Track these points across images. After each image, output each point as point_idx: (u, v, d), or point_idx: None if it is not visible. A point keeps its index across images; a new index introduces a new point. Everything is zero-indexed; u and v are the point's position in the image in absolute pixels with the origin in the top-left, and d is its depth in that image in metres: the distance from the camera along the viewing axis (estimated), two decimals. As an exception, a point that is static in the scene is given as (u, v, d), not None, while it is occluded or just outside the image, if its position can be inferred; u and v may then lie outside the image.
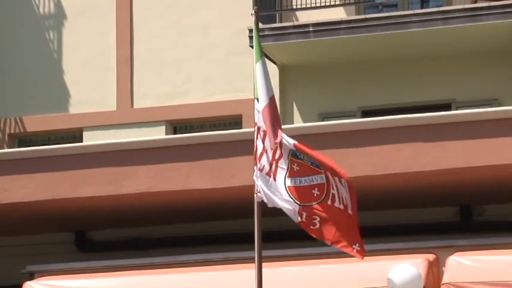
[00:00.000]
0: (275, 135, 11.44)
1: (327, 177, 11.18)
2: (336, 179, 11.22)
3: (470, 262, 13.18)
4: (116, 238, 15.24)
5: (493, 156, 13.09)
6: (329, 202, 11.21)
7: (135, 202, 14.20)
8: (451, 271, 13.18)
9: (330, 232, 11.24)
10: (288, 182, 11.38)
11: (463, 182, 13.56)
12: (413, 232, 14.16)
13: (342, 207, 11.15)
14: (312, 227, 11.25)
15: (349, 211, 11.18)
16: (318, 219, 11.18)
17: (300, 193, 11.29)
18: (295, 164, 11.37)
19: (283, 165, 11.45)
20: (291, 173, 11.41)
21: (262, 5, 16.40)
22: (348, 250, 11.26)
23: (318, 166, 11.25)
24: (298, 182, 11.38)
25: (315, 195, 11.21)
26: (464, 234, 13.94)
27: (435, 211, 14.40)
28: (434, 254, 13.44)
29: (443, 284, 13.10)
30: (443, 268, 13.27)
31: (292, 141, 11.37)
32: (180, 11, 18.67)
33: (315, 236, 11.29)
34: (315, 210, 11.25)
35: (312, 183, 11.32)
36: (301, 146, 11.35)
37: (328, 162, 11.25)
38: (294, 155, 11.37)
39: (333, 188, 11.17)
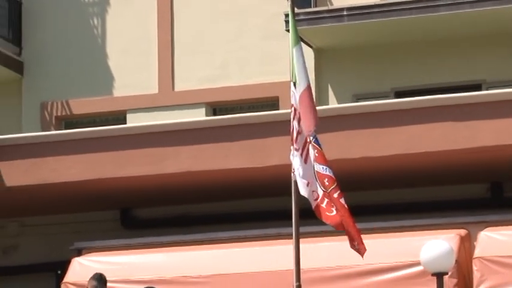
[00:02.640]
0: (310, 124, 11.43)
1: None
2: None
3: (501, 237, 13.18)
4: (159, 215, 15.31)
5: (522, 134, 13.12)
6: (335, 195, 11.18)
7: (177, 181, 14.25)
8: (482, 246, 13.17)
9: (341, 223, 11.24)
10: (317, 167, 11.39)
11: (493, 160, 13.52)
12: (445, 208, 14.14)
13: (346, 205, 11.14)
14: (327, 213, 11.24)
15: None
16: (335, 207, 11.18)
17: (321, 179, 11.29)
18: (315, 150, 11.34)
19: (311, 151, 11.46)
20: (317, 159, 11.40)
21: (297, -9, 16.41)
22: (350, 245, 11.29)
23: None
24: (318, 168, 11.39)
25: (326, 184, 11.20)
26: (495, 210, 13.90)
27: (467, 188, 14.36)
28: (466, 229, 13.44)
29: (475, 258, 13.10)
30: (475, 243, 13.27)
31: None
32: (218, 0, 18.71)
33: (328, 223, 11.27)
34: (333, 199, 11.24)
35: (325, 172, 11.30)
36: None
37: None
38: (316, 142, 11.36)
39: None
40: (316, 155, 11.33)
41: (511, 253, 12.95)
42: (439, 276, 12.37)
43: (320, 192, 11.23)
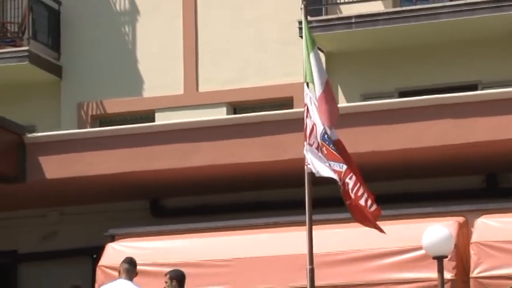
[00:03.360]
0: (330, 119, 11.41)
1: (348, 168, 11.19)
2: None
3: (496, 223, 13.15)
4: (185, 205, 15.34)
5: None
6: (346, 188, 11.21)
7: (201, 174, 14.27)
8: (479, 232, 13.15)
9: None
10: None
11: (489, 153, 13.50)
12: (445, 198, 14.13)
13: (352, 196, 11.15)
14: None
15: (360, 202, 11.17)
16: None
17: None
18: (324, 148, 11.32)
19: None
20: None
21: (309, 0, 16.39)
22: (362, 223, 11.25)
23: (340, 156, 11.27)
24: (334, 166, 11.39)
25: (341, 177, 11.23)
26: (490, 199, 13.88)
27: (464, 179, 14.34)
28: (463, 216, 13.41)
29: (472, 243, 13.07)
30: (472, 229, 13.25)
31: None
32: (238, 6, 18.68)
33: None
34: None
35: (334, 168, 11.29)
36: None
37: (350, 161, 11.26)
38: (324, 138, 11.33)
39: (350, 179, 11.17)
40: (326, 152, 11.32)
41: (506, 238, 12.93)
42: (439, 259, 12.36)
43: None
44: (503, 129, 13.04)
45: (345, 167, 11.14)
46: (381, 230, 11.34)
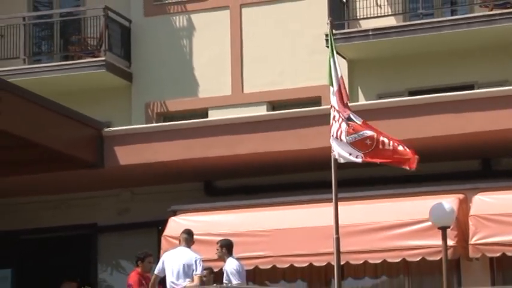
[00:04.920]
0: (344, 109, 11.50)
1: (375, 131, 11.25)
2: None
3: (491, 199, 13.07)
4: (233, 185, 15.31)
5: (505, 122, 12.91)
6: (380, 146, 11.27)
7: (246, 160, 14.25)
8: (476, 206, 13.06)
9: (385, 159, 11.29)
10: (349, 139, 11.43)
11: (483, 142, 13.37)
12: (447, 179, 14.01)
13: (391, 147, 11.18)
14: (376, 159, 11.33)
15: (399, 148, 11.17)
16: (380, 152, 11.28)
17: (358, 145, 11.32)
18: (350, 126, 11.40)
19: (343, 128, 11.49)
20: (348, 133, 11.42)
21: (334, 16, 16.34)
22: (401, 165, 11.29)
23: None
24: (354, 138, 11.41)
25: (368, 144, 11.24)
26: (485, 180, 13.76)
27: (463, 163, 14.21)
28: (463, 194, 13.32)
29: (471, 215, 12.99)
30: (470, 204, 13.16)
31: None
32: (275, 22, 18.64)
33: (377, 161, 11.29)
34: (373, 155, 11.32)
35: (363, 136, 11.35)
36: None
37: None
38: (349, 119, 11.42)
39: (382, 136, 11.29)
40: (352, 128, 11.40)
41: (499, 212, 12.85)
42: (443, 229, 12.28)
43: (360, 153, 11.31)
44: (495, 122, 12.94)
45: (372, 133, 11.24)
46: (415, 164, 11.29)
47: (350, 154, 11.35)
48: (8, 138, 12.46)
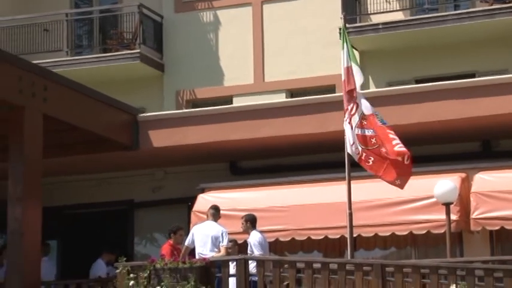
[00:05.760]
0: (350, 97, 11.42)
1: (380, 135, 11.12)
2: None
3: (490, 178, 12.99)
4: (255, 166, 15.31)
5: (504, 108, 12.80)
6: (383, 149, 11.10)
7: (268, 143, 14.22)
8: (477, 184, 12.99)
9: (379, 169, 11.13)
10: (357, 131, 11.32)
11: (484, 125, 13.28)
12: (450, 159, 13.93)
13: (388, 157, 11.06)
14: (366, 163, 11.17)
15: (399, 159, 11.03)
16: (372, 159, 11.10)
17: (363, 140, 11.21)
18: (365, 120, 11.26)
19: (355, 119, 11.38)
20: (360, 125, 11.31)
21: (347, 11, 16.26)
22: (390, 183, 11.13)
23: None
24: (363, 132, 11.30)
25: (372, 143, 11.12)
26: (485, 160, 13.67)
27: (466, 145, 14.13)
28: (465, 173, 13.24)
29: (472, 192, 12.93)
30: (472, 182, 13.09)
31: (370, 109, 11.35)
32: (293, 17, 18.55)
33: (368, 170, 11.20)
34: (371, 153, 11.15)
35: (372, 134, 11.20)
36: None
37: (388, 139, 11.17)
38: (363, 113, 11.28)
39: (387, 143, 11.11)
40: (365, 122, 11.28)
41: (497, 189, 12.78)
42: (447, 205, 12.24)
43: (360, 148, 11.20)
44: (495, 107, 12.84)
45: (372, 131, 11.08)
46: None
47: (352, 144, 11.25)
48: (53, 123, 12.50)
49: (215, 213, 12.40)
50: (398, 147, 11.03)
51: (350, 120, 11.39)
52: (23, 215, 11.68)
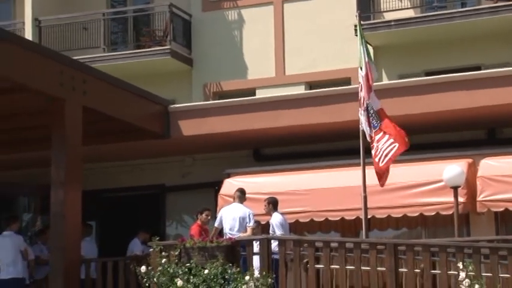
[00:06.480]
0: (367, 96, 11.36)
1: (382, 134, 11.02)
2: (387, 137, 11.04)
3: (495, 163, 12.89)
4: (277, 152, 15.29)
5: (508, 98, 12.68)
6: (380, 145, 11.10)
7: (289, 131, 14.19)
8: (483, 169, 12.89)
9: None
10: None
11: (489, 114, 13.16)
12: (458, 146, 13.83)
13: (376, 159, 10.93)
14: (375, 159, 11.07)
15: (380, 163, 10.96)
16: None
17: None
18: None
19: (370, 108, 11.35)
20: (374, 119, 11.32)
21: (362, 9, 16.15)
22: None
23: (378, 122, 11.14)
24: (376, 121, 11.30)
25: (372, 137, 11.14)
26: (490, 146, 13.57)
27: (472, 133, 14.03)
28: (472, 158, 13.15)
29: (478, 176, 12.84)
30: (478, 167, 12.99)
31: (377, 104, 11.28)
32: (311, 15, 18.48)
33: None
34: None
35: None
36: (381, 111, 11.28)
37: (390, 126, 11.08)
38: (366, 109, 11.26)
39: (377, 142, 11.02)
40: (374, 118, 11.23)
41: (502, 173, 12.69)
42: (455, 188, 12.18)
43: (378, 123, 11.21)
44: (500, 97, 12.73)
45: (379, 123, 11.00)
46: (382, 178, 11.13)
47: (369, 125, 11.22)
48: (92, 113, 12.56)
49: (241, 195, 12.42)
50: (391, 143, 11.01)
51: (366, 109, 11.34)
52: (65, 199, 11.77)
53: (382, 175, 11.14)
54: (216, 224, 12.24)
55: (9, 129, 13.80)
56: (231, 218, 12.05)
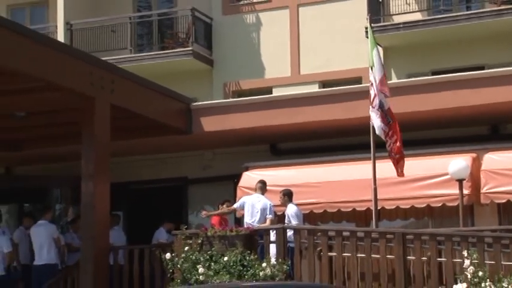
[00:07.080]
0: (383, 87, 11.31)
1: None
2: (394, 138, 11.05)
3: (498, 157, 12.83)
4: (292, 147, 15.28)
5: (509, 96, 12.61)
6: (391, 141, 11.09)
7: (303, 127, 14.18)
8: (486, 163, 12.84)
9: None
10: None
11: (492, 111, 13.10)
12: (463, 141, 13.76)
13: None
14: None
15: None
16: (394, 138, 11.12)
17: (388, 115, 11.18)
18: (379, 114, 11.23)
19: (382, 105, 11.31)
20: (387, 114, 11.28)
21: (372, 13, 16.11)
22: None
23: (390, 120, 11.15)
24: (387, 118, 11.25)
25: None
26: (493, 142, 13.49)
27: (476, 128, 13.94)
28: (476, 153, 13.09)
29: (482, 170, 12.78)
30: (481, 161, 12.93)
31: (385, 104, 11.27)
32: (325, 18, 18.45)
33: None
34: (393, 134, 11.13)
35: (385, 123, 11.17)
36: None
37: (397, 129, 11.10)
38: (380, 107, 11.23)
39: (390, 138, 11.03)
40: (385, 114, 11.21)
41: (504, 167, 12.62)
42: (460, 181, 12.13)
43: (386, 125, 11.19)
44: (503, 95, 12.66)
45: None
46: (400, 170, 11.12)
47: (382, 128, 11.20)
48: (119, 111, 12.64)
49: (262, 186, 12.46)
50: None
51: (375, 105, 11.30)
52: (94, 190, 11.86)
53: (397, 166, 11.14)
54: (235, 206, 12.28)
55: (44, 125, 13.93)
56: (252, 208, 12.08)
